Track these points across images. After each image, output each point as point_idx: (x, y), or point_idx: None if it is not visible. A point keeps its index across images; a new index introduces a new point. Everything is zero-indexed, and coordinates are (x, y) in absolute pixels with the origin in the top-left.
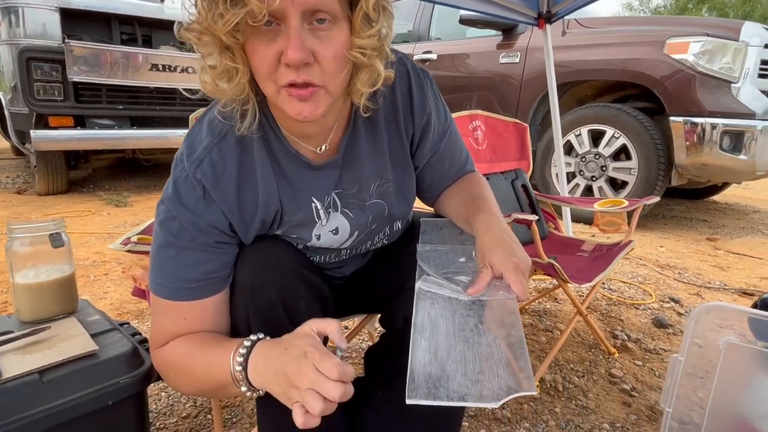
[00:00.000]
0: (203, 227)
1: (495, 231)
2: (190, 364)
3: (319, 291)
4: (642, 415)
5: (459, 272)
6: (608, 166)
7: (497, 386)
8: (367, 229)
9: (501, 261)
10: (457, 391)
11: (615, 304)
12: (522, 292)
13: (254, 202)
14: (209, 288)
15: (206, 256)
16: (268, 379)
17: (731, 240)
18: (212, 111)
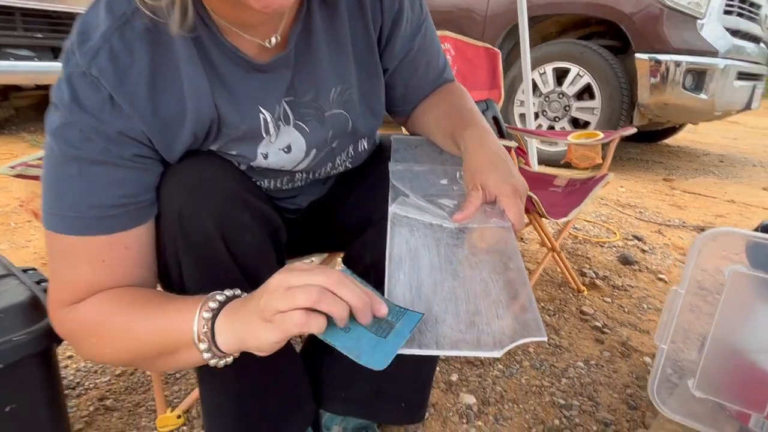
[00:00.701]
0: (113, 136)
1: (489, 149)
2: (127, 324)
3: (270, 222)
4: (615, 352)
5: (442, 195)
6: (571, 106)
7: (498, 331)
8: (326, 147)
9: (496, 183)
10: (449, 336)
11: (581, 242)
12: (519, 219)
13: (179, 110)
14: (132, 216)
15: (123, 172)
16: (240, 315)
17: (686, 180)
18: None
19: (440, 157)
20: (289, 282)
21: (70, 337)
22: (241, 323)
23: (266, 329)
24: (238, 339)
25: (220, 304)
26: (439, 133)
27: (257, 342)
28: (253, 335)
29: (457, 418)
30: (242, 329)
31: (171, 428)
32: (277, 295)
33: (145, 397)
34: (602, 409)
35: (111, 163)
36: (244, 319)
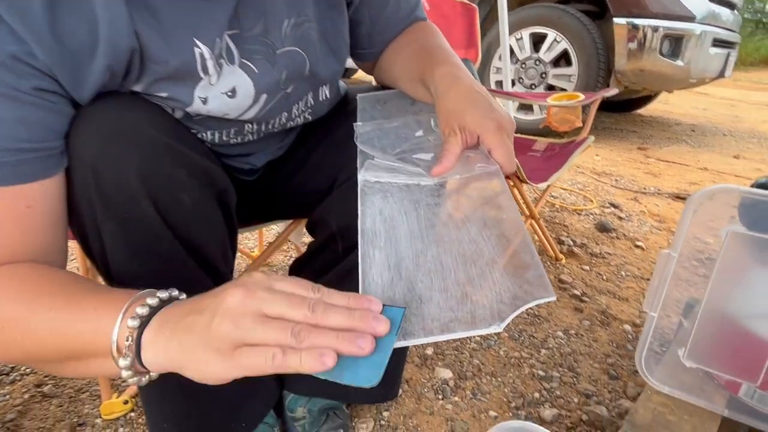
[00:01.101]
0: (5, 61)
1: (463, 84)
2: (27, 318)
3: (214, 181)
4: (595, 321)
5: (417, 150)
6: (548, 72)
7: (496, 299)
8: (279, 92)
9: (477, 120)
10: (438, 317)
11: (558, 210)
12: (508, 159)
13: (88, 35)
14: (36, 166)
15: (21, 109)
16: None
17: (660, 149)
18: None
19: (412, 107)
20: (261, 308)
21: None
22: (180, 345)
23: (218, 362)
24: (172, 362)
25: (151, 310)
26: (408, 79)
27: (200, 374)
28: (195, 365)
29: (433, 394)
30: (180, 353)
31: (117, 415)
32: (244, 324)
33: (89, 382)
34: (583, 380)
35: (6, 95)
36: (184, 341)
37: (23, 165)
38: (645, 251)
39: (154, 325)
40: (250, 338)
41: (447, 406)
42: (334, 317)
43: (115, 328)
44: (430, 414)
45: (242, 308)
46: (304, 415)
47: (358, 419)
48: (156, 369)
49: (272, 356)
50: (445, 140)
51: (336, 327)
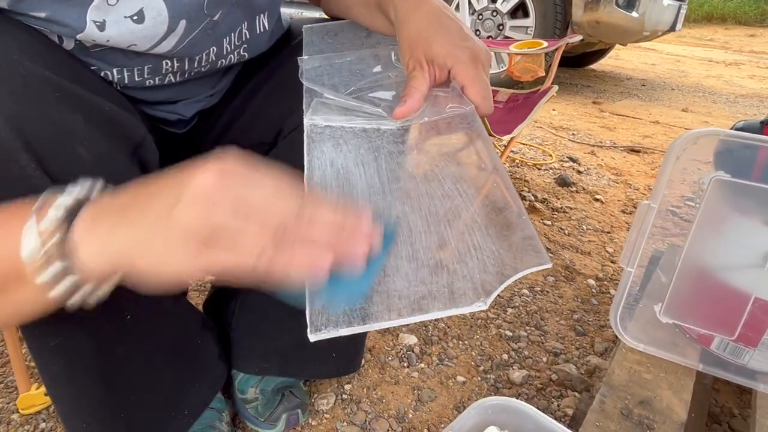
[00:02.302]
0: None
1: (430, 5)
2: None
3: (124, 130)
4: (559, 276)
5: (375, 87)
6: (505, 24)
7: (479, 269)
8: (204, 18)
9: (446, 50)
10: (407, 294)
11: (518, 165)
12: (483, 96)
13: None
14: None
15: None
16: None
17: (613, 103)
18: None
19: (368, 40)
20: (240, 193)
21: None
22: (128, 236)
23: (182, 255)
24: (119, 257)
25: (77, 202)
26: (362, 4)
27: (158, 270)
28: (152, 260)
29: (397, 362)
30: (129, 246)
31: (37, 408)
32: (218, 211)
33: (3, 372)
34: (550, 338)
35: None
36: (135, 231)
37: None
38: (604, 204)
39: (86, 218)
40: (224, 228)
41: (413, 374)
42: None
43: (28, 231)
44: (395, 384)
45: (215, 192)
46: (257, 396)
47: (318, 395)
48: (96, 271)
49: (260, 249)
50: (409, 75)
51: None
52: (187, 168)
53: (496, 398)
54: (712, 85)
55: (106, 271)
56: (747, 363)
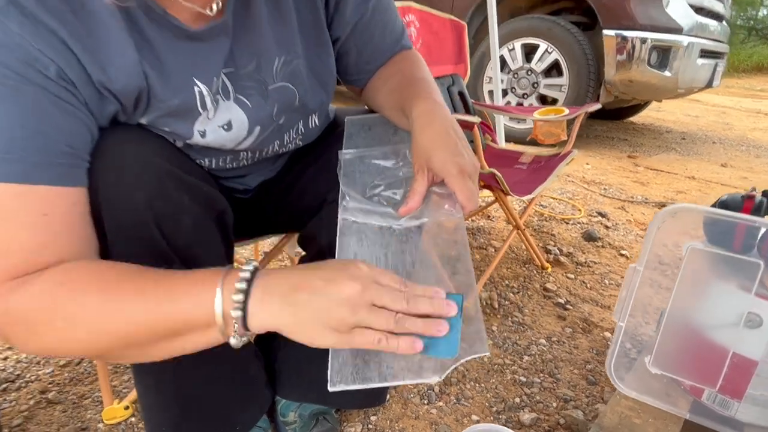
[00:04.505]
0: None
1: (436, 124)
2: (118, 304)
3: (212, 203)
4: (577, 328)
5: (390, 183)
6: (540, 82)
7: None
8: (272, 123)
9: (442, 162)
10: (392, 365)
11: (546, 219)
12: (469, 199)
13: (103, 68)
14: (78, 173)
15: (71, 117)
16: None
17: (649, 157)
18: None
19: (394, 137)
20: (371, 298)
21: (16, 319)
22: (294, 318)
23: (332, 338)
24: (281, 327)
25: (248, 283)
26: (391, 108)
27: (311, 342)
28: (306, 334)
29: (419, 399)
30: (293, 324)
31: (118, 420)
32: (361, 313)
33: (91, 389)
34: (563, 386)
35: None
36: (299, 313)
37: (69, 168)
38: (629, 260)
39: (257, 296)
40: (363, 323)
41: (432, 411)
42: (422, 307)
43: (218, 300)
44: (415, 418)
45: (358, 299)
46: (296, 420)
47: (347, 423)
48: (260, 330)
49: (379, 340)
50: (414, 178)
51: (422, 313)
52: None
53: (485, 424)
54: (757, 138)
55: (264, 330)
56: (734, 414)
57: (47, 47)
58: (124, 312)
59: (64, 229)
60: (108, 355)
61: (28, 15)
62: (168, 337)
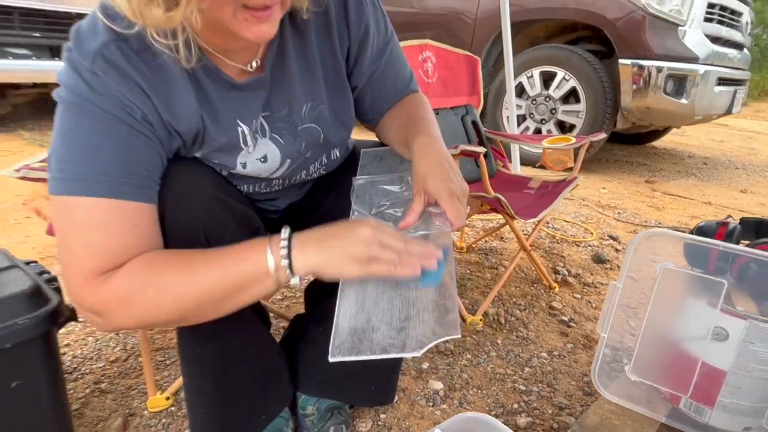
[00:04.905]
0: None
1: (432, 155)
2: (193, 271)
3: (249, 222)
4: (578, 344)
5: (394, 203)
6: (558, 109)
7: (421, 333)
8: (300, 157)
9: (436, 187)
10: (380, 342)
11: (558, 241)
12: (457, 218)
13: (172, 112)
14: (154, 192)
15: (148, 149)
16: (322, 249)
17: (668, 182)
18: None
19: (401, 166)
20: (382, 239)
21: (111, 300)
22: (325, 256)
23: (353, 267)
24: (318, 265)
25: (288, 241)
26: (398, 142)
27: (338, 272)
28: (336, 267)
29: (425, 401)
30: (324, 260)
31: (160, 409)
32: (374, 247)
33: (137, 381)
34: (559, 395)
35: (138, 131)
36: (328, 253)
37: (149, 190)
38: (636, 282)
39: (297, 248)
40: (375, 255)
41: (436, 413)
42: (416, 248)
43: (268, 255)
44: (420, 418)
45: (371, 238)
46: (313, 412)
47: (359, 419)
48: (303, 272)
49: (389, 268)
50: (413, 199)
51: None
52: (352, 224)
53: (471, 413)
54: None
55: (307, 272)
56: (708, 421)
57: (134, 96)
58: (200, 277)
59: (145, 235)
60: (188, 315)
61: (120, 71)
62: (235, 291)
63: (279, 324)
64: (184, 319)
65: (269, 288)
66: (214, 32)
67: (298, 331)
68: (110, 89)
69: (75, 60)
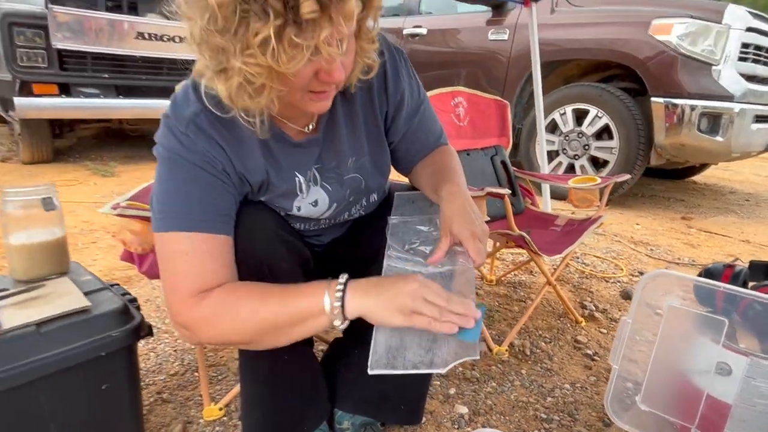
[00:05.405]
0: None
1: (458, 202)
2: (265, 301)
3: (300, 254)
4: (601, 377)
5: (423, 241)
6: (591, 145)
7: (446, 353)
8: (344, 201)
9: (459, 229)
10: (412, 360)
11: (587, 277)
12: (477, 256)
13: (245, 166)
14: (231, 228)
15: (227, 193)
16: (372, 297)
17: (705, 219)
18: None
19: (430, 208)
20: (426, 295)
21: (201, 319)
22: (374, 304)
23: (397, 317)
24: (366, 311)
25: (344, 286)
26: (428, 188)
27: (383, 319)
28: (381, 316)
29: (450, 424)
30: (372, 307)
31: (214, 418)
32: (418, 302)
33: (194, 393)
34: (579, 425)
35: (220, 182)
36: (377, 302)
37: (231, 226)
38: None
39: (350, 293)
40: (418, 309)
41: None
42: (456, 307)
43: (326, 295)
44: None
45: (416, 292)
46: (348, 427)
47: None
48: (352, 316)
49: (429, 322)
50: (440, 239)
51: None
52: (402, 278)
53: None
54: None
55: (355, 316)
56: None
57: (216, 153)
58: (269, 307)
59: (226, 261)
60: (256, 338)
61: (206, 135)
62: (295, 323)
63: (317, 346)
64: (252, 341)
65: (323, 325)
66: (283, 106)
67: (337, 352)
68: (198, 148)
69: (172, 124)
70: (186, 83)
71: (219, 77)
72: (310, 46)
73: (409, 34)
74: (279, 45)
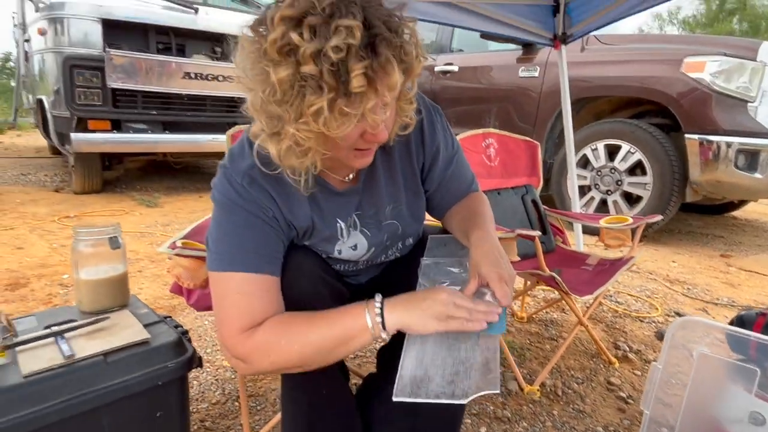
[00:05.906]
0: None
1: (486, 246)
2: (310, 326)
3: (339, 293)
4: (635, 420)
5: (453, 282)
6: (623, 180)
7: (467, 386)
8: (382, 245)
9: (488, 271)
10: (434, 390)
11: (621, 316)
12: (504, 297)
13: (292, 213)
14: (279, 268)
15: (276, 238)
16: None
17: (746, 257)
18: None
19: (460, 252)
20: (456, 301)
21: (254, 350)
22: (411, 315)
23: (435, 323)
24: (405, 322)
25: (381, 304)
26: (459, 232)
27: (422, 327)
28: (420, 323)
29: None
30: (410, 318)
31: None
32: (450, 307)
33: (234, 422)
34: None
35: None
36: (415, 313)
37: (279, 266)
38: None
39: (388, 309)
40: (451, 314)
41: None
42: (482, 307)
43: (366, 314)
44: None
45: (448, 300)
46: None
47: None
48: (392, 329)
49: (462, 323)
50: (469, 280)
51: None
52: (433, 291)
53: None
54: None
55: (396, 329)
56: None
57: (267, 202)
58: (317, 330)
59: (275, 300)
60: (307, 360)
61: (259, 186)
62: (341, 342)
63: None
64: (305, 364)
65: (367, 341)
66: (327, 159)
67: (371, 387)
68: (252, 196)
69: (229, 174)
70: (242, 139)
71: (272, 139)
72: (357, 114)
73: (441, 71)
74: (330, 114)
